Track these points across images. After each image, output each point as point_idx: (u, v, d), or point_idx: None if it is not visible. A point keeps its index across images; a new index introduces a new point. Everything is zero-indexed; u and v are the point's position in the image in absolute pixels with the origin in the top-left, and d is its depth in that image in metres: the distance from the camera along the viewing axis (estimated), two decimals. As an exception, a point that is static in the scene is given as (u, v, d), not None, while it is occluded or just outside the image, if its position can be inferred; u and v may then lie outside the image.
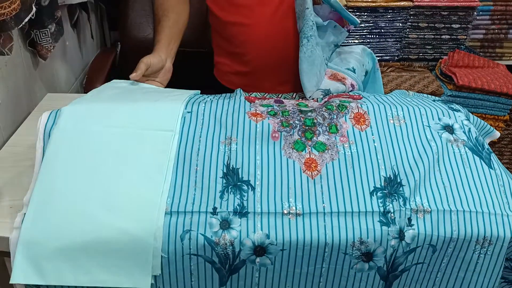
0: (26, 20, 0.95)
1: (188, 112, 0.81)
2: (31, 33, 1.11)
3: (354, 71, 1.08)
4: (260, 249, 0.69)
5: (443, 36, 1.81)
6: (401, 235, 0.71)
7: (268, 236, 0.69)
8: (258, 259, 0.70)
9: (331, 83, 1.02)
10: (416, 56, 1.86)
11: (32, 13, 0.97)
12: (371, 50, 1.84)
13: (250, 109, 0.84)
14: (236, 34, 1.09)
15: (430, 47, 1.84)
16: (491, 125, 1.27)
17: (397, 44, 1.83)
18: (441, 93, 1.73)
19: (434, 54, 1.86)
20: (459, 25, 1.78)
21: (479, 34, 1.84)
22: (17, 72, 1.08)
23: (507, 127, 1.87)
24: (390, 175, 0.75)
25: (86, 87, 1.42)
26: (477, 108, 1.73)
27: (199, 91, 0.95)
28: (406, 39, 1.81)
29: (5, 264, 0.80)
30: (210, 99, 0.87)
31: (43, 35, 1.15)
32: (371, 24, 1.77)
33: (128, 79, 0.94)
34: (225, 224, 0.69)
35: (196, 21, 1.58)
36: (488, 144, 0.86)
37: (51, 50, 1.19)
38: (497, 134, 0.93)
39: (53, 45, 1.19)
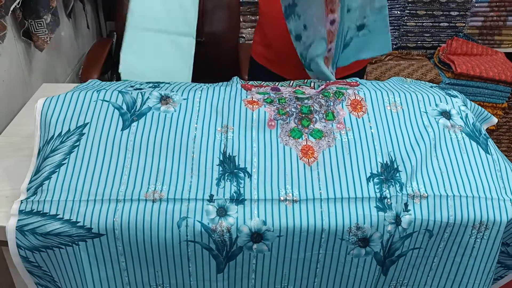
0: (13, 6, 0.94)
1: (184, 99, 0.81)
2: (25, 22, 1.10)
3: None
4: (257, 236, 0.69)
5: (442, 24, 1.80)
6: (397, 220, 0.71)
7: (265, 223, 0.69)
8: (255, 246, 0.70)
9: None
10: (415, 44, 1.86)
11: (18, 1, 0.96)
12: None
13: (246, 97, 0.83)
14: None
15: (428, 35, 1.83)
16: (489, 113, 1.27)
17: (395, 32, 1.83)
18: (440, 81, 1.73)
19: (433, 42, 1.85)
20: (458, 13, 1.77)
21: (477, 21, 1.83)
22: (12, 62, 1.07)
23: (505, 115, 1.87)
24: (386, 161, 0.75)
25: (82, 77, 1.42)
26: (475, 96, 1.73)
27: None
28: (404, 27, 1.81)
29: (3, 253, 0.80)
30: (207, 86, 0.87)
31: (39, 25, 1.14)
32: (369, 12, 1.75)
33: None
34: (222, 211, 0.70)
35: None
36: (486, 132, 0.86)
37: (48, 41, 1.18)
38: (495, 120, 0.93)
39: (49, 36, 1.18)
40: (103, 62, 1.48)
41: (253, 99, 0.82)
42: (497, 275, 0.86)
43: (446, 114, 0.83)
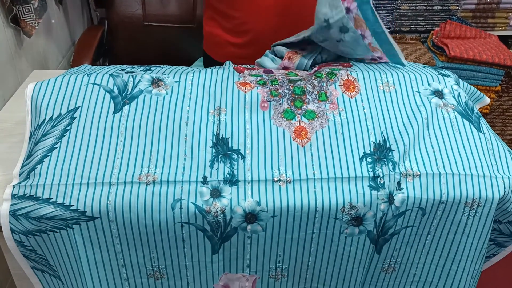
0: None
1: (176, 82, 0.80)
2: (13, 8, 1.08)
3: None
4: (251, 216, 0.70)
5: (435, 7, 1.80)
6: (390, 199, 0.71)
7: (259, 203, 0.69)
8: (249, 226, 0.70)
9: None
10: (408, 28, 1.85)
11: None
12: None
13: (239, 79, 0.83)
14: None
15: (422, 18, 1.83)
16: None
17: (389, 16, 1.82)
18: (433, 65, 1.73)
19: (426, 26, 1.85)
20: (451, -5, 1.76)
21: (471, 4, 1.82)
22: (1, 49, 1.06)
23: (498, 98, 1.87)
24: (379, 141, 0.76)
25: (73, 64, 1.41)
26: (469, 79, 1.74)
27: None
28: (398, 10, 1.80)
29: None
30: (199, 69, 0.86)
31: (26, 10, 1.13)
32: (362, -4, 1.74)
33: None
34: (216, 193, 0.70)
35: (184, -4, 1.56)
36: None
37: (36, 26, 1.16)
38: (487, 100, 0.93)
39: (37, 21, 1.17)
40: (94, 49, 1.46)
41: (246, 81, 0.82)
42: (490, 253, 0.87)
43: (439, 93, 0.83)
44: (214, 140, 0.75)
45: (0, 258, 0.83)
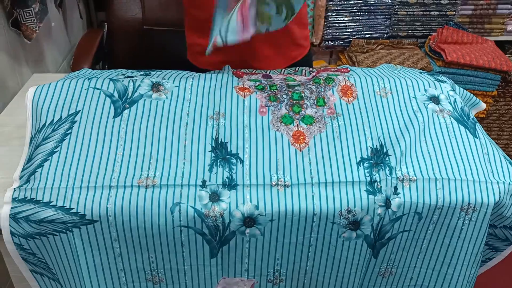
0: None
1: (176, 87, 0.81)
2: (13, 12, 1.09)
3: None
4: (249, 220, 0.70)
5: (432, 13, 1.81)
6: (387, 203, 0.72)
7: (257, 207, 0.70)
8: (247, 230, 0.71)
9: None
10: (406, 33, 1.86)
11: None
12: (360, 27, 1.84)
13: (238, 84, 0.84)
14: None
15: (419, 23, 1.84)
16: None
17: (386, 21, 1.83)
18: (431, 70, 1.74)
19: (423, 31, 1.86)
20: (448, 1, 1.78)
21: (468, 10, 1.84)
22: (1, 53, 1.07)
23: (495, 103, 1.89)
24: (376, 146, 0.77)
25: (73, 68, 1.41)
26: (465, 84, 1.75)
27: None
28: (395, 16, 1.81)
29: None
30: (198, 74, 0.87)
31: (27, 14, 1.14)
32: (360, 1, 1.76)
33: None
34: (215, 197, 0.70)
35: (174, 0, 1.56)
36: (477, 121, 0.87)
37: (37, 30, 1.17)
38: (483, 105, 0.94)
39: (38, 25, 1.17)
40: (94, 53, 1.47)
41: (245, 86, 0.83)
42: (486, 257, 0.88)
43: (435, 99, 0.84)
44: (213, 145, 0.75)
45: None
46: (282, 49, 1.07)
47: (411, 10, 1.79)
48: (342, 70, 0.91)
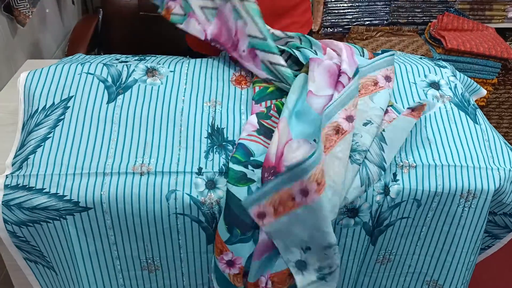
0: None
1: (171, 72, 0.80)
2: (6, -4, 1.07)
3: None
4: None
5: (433, -1, 1.79)
6: (386, 190, 0.71)
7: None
8: (244, 217, 0.70)
9: None
10: (405, 20, 1.84)
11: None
12: (360, 14, 1.82)
13: (235, 69, 0.82)
14: None
15: (419, 10, 1.82)
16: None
17: (386, 7, 1.81)
18: (431, 57, 1.72)
19: (424, 18, 1.84)
20: (449, -13, 1.75)
21: (468, -4, 1.81)
22: (-6, 38, 1.05)
23: (495, 91, 1.87)
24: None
25: (68, 54, 1.39)
26: (465, 71, 1.73)
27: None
28: (395, 2, 1.79)
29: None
30: (194, 59, 0.85)
31: (20, -1, 1.11)
32: (360, -13, 1.73)
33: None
34: (211, 184, 0.69)
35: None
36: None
37: (30, 15, 1.15)
38: (484, 91, 0.93)
39: (31, 10, 1.15)
40: (89, 39, 1.44)
41: (242, 74, 0.81)
42: (485, 245, 0.87)
43: (435, 85, 0.82)
44: (209, 131, 0.74)
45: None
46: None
47: (411, -4, 1.76)
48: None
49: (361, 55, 0.84)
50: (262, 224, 0.67)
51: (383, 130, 0.72)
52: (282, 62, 0.77)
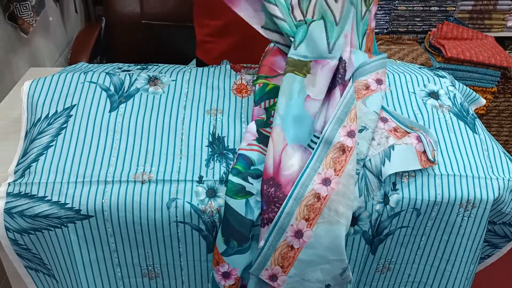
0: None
1: (173, 81, 0.80)
2: (10, 5, 1.08)
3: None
4: None
5: (432, 8, 1.80)
6: (385, 199, 0.71)
7: (254, 203, 0.69)
8: (244, 226, 0.70)
9: None
10: (405, 29, 1.86)
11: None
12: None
13: (236, 78, 0.83)
14: None
15: (419, 19, 1.83)
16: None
17: (386, 16, 1.82)
18: (430, 66, 1.73)
19: (423, 27, 1.85)
20: (448, -4, 1.77)
21: (468, 5, 1.83)
22: (-2, 46, 1.06)
23: (495, 99, 1.88)
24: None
25: (70, 62, 1.40)
26: (465, 80, 1.74)
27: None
28: (395, 11, 1.81)
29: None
30: (196, 68, 0.86)
31: (24, 8, 1.12)
32: (360, -4, 1.75)
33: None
34: (212, 193, 0.70)
35: (182, -6, 1.56)
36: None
37: (33, 24, 1.16)
38: (483, 101, 0.94)
39: (35, 19, 1.16)
40: (92, 47, 1.46)
41: (242, 82, 0.82)
42: (484, 254, 0.87)
43: (434, 95, 0.83)
44: (210, 139, 0.75)
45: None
46: None
47: (411, 5, 1.78)
48: None
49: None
50: (278, 286, 0.67)
51: (392, 147, 0.71)
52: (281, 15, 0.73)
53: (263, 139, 0.72)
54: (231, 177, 0.68)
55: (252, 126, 0.73)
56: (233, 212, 0.66)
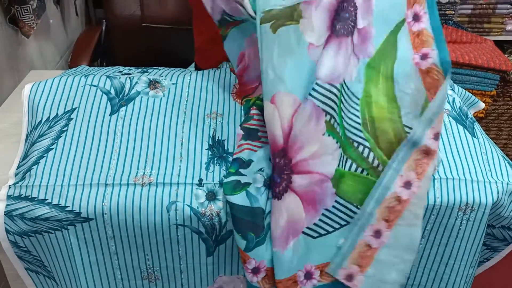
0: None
1: (173, 84, 0.81)
2: (11, 8, 1.08)
3: None
4: None
5: (432, 12, 1.81)
6: (385, 202, 0.71)
7: (254, 206, 0.69)
8: (244, 229, 0.70)
9: None
10: (405, 32, 1.86)
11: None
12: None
13: (235, 81, 0.83)
14: None
15: (418, 22, 1.84)
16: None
17: (385, 20, 1.83)
18: (429, 69, 1.74)
19: (423, 30, 1.86)
20: (447, 0, 1.77)
21: (467, 9, 1.83)
22: (-1, 49, 1.06)
23: (494, 103, 1.88)
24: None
25: (71, 65, 1.40)
26: (464, 83, 1.74)
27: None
28: (394, 15, 1.81)
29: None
30: (196, 71, 0.87)
31: (25, 11, 1.13)
32: (359, 0, 1.75)
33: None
34: (211, 195, 0.70)
35: (183, -2, 1.56)
36: (475, 120, 0.87)
37: (34, 27, 1.16)
38: (482, 105, 0.94)
39: (36, 22, 1.16)
40: (92, 50, 1.46)
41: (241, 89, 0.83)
42: (483, 257, 0.87)
43: (434, 98, 0.83)
44: (210, 142, 0.75)
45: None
46: None
47: (410, 9, 1.79)
48: None
49: None
50: (355, 286, 0.67)
51: None
52: None
53: (248, 134, 0.71)
54: (225, 180, 0.68)
55: (238, 129, 0.73)
56: (239, 207, 0.66)
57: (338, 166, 0.65)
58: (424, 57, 0.67)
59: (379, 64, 0.68)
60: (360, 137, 0.67)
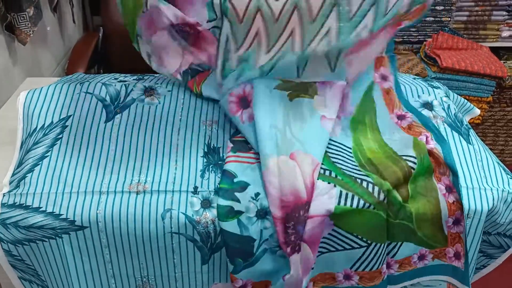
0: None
1: (169, 91, 0.81)
2: (7, 15, 1.09)
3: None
4: None
5: (427, 18, 1.82)
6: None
7: (249, 214, 0.69)
8: (239, 237, 0.70)
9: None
10: (401, 39, 1.87)
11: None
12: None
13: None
14: None
15: (414, 29, 1.85)
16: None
17: (382, 27, 1.83)
18: (426, 75, 1.74)
19: (419, 37, 1.87)
20: (443, 7, 1.79)
21: (463, 16, 1.84)
22: (-5, 56, 1.06)
23: (490, 109, 1.89)
24: (370, 152, 0.76)
25: (68, 72, 1.41)
26: (460, 90, 1.75)
27: None
28: (391, 21, 1.82)
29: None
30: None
31: (21, 19, 1.13)
32: (355, 7, 1.76)
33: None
34: (206, 203, 0.70)
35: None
36: (472, 127, 0.87)
37: (31, 34, 1.16)
38: (477, 111, 0.94)
39: (32, 29, 1.17)
40: (89, 57, 1.46)
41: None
42: (480, 264, 0.87)
43: (428, 105, 0.83)
44: (206, 150, 0.75)
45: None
46: None
47: (406, 16, 1.79)
48: None
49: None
50: None
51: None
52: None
53: (238, 147, 0.73)
54: (219, 201, 0.68)
55: (228, 142, 0.75)
56: (229, 234, 0.67)
57: (339, 204, 0.67)
58: (401, 117, 0.80)
59: (363, 117, 0.78)
60: (362, 174, 0.71)
